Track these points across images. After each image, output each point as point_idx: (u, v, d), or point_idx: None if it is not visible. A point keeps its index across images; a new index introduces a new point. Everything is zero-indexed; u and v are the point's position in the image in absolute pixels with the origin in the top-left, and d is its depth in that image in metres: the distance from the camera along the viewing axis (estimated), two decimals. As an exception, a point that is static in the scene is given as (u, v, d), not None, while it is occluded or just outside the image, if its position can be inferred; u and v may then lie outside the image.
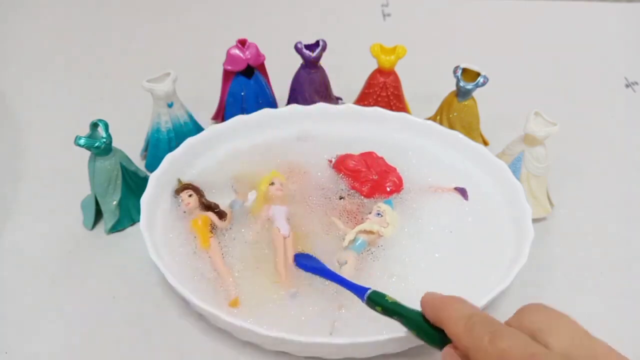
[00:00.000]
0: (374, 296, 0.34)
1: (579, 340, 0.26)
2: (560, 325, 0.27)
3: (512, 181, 0.45)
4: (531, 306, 0.29)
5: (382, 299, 0.34)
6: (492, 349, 0.26)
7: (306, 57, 0.52)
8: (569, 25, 0.77)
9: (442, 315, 0.30)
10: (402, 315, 0.32)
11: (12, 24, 0.75)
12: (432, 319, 0.31)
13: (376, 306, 0.34)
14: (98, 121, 0.43)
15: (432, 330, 0.31)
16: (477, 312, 0.29)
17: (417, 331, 0.32)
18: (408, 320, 0.32)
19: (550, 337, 0.26)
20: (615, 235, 0.48)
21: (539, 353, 0.25)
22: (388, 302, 0.33)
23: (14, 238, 0.46)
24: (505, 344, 0.26)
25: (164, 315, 0.41)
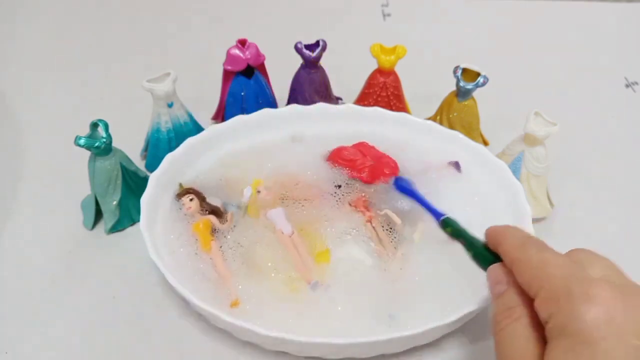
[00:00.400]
0: (447, 220, 0.38)
1: (616, 274, 0.29)
2: (602, 261, 0.29)
3: (512, 181, 0.45)
4: (578, 249, 0.31)
5: (453, 222, 0.38)
6: (537, 257, 0.29)
7: (306, 57, 0.52)
8: (569, 25, 0.77)
9: (501, 236, 0.32)
10: (466, 238, 0.36)
11: (12, 24, 0.75)
12: (491, 242, 0.33)
13: (447, 228, 0.38)
14: (98, 121, 0.43)
15: (488, 253, 0.34)
16: (532, 236, 0.32)
17: (475, 251, 0.35)
18: (470, 242, 0.36)
19: (590, 267, 0.29)
20: (615, 235, 0.48)
21: (577, 267, 0.28)
22: (458, 225, 0.38)
23: (14, 238, 0.46)
24: (550, 256, 0.29)
25: (164, 315, 0.41)
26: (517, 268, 0.30)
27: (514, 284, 0.30)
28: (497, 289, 0.31)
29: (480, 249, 0.34)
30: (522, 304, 0.29)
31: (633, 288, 0.27)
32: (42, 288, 0.43)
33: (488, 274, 0.32)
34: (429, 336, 0.37)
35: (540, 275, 0.28)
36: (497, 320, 0.30)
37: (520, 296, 0.29)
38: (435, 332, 0.37)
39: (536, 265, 0.28)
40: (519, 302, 0.29)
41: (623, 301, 0.25)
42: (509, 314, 0.29)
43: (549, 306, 0.27)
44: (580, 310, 0.25)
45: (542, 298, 0.27)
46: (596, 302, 0.25)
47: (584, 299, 0.25)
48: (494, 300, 0.31)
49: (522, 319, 0.28)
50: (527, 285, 0.29)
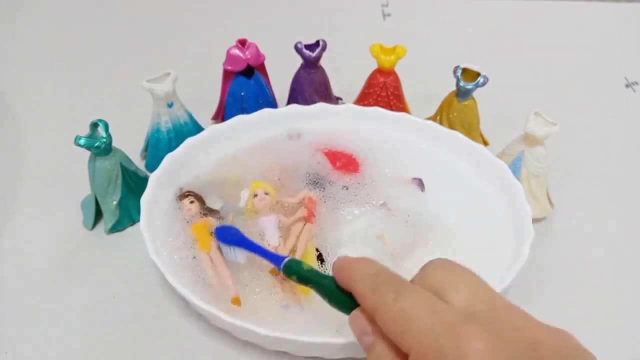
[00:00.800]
0: (291, 264, 0.34)
1: (480, 295, 0.27)
2: (461, 281, 0.27)
3: (512, 181, 0.45)
4: (434, 262, 0.29)
5: (298, 266, 0.34)
6: (396, 308, 0.26)
7: (306, 57, 0.52)
8: (569, 25, 0.77)
9: (349, 276, 0.30)
10: (316, 282, 0.32)
11: (12, 24, 0.75)
12: (342, 282, 0.30)
13: (292, 275, 0.34)
14: (98, 121, 0.43)
15: (343, 295, 0.30)
16: (383, 271, 0.29)
17: (329, 297, 0.31)
18: (321, 286, 0.32)
19: (451, 294, 0.26)
20: (615, 235, 0.48)
21: (440, 310, 0.25)
22: (303, 269, 0.33)
23: (14, 238, 0.46)
24: (408, 303, 0.26)
25: (164, 315, 0.41)
26: (378, 319, 0.27)
27: (380, 333, 0.27)
28: (364, 341, 0.28)
29: (336, 293, 0.31)
30: (394, 355, 0.27)
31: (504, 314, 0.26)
32: (42, 288, 0.43)
33: (350, 323, 0.29)
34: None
35: (406, 331, 0.25)
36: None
37: (391, 347, 0.27)
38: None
39: (397, 318, 0.26)
40: (390, 355, 0.27)
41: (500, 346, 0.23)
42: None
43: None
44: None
45: (415, 358, 0.25)
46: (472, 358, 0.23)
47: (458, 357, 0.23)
48: (366, 353, 0.28)
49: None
50: (395, 340, 0.26)
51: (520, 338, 0.24)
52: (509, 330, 0.24)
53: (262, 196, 0.44)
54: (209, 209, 0.44)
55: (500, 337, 0.24)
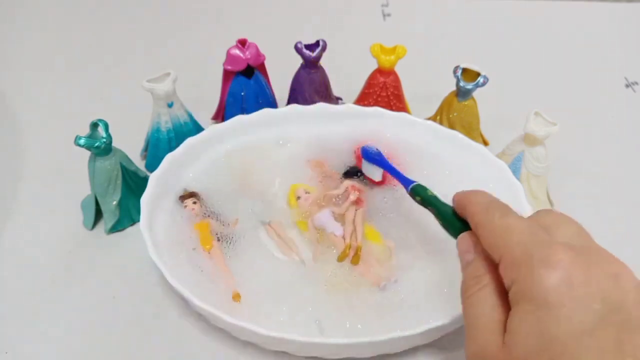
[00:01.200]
0: (417, 188, 0.39)
1: (580, 236, 0.29)
2: (566, 223, 0.29)
3: (512, 181, 0.45)
4: (545, 210, 0.31)
5: (423, 190, 0.38)
6: (500, 222, 0.29)
7: (306, 57, 0.52)
8: (569, 25, 0.77)
9: (467, 201, 0.32)
10: (436, 205, 0.36)
11: (12, 24, 0.75)
12: (459, 206, 0.33)
13: (417, 196, 0.38)
14: (98, 121, 0.43)
15: (457, 220, 0.34)
16: (497, 200, 0.32)
17: (445, 219, 0.35)
18: (439, 209, 0.36)
19: (555, 230, 0.28)
20: (615, 235, 0.48)
21: (539, 232, 0.28)
22: (427, 193, 0.38)
23: (14, 238, 0.46)
24: (512, 221, 0.29)
25: (164, 315, 0.41)
26: (481, 234, 0.30)
27: (481, 252, 0.30)
28: (465, 258, 0.31)
29: (450, 217, 0.34)
30: (489, 272, 0.29)
31: (597, 252, 0.27)
32: (42, 288, 0.43)
33: (457, 242, 0.32)
34: (429, 336, 0.37)
35: (503, 241, 0.28)
36: (465, 288, 0.30)
37: (487, 264, 0.29)
38: (435, 332, 0.37)
39: (499, 230, 0.28)
40: (485, 270, 0.29)
41: (584, 265, 0.25)
42: (476, 281, 0.29)
43: (511, 272, 0.26)
44: (540, 276, 0.25)
45: (504, 264, 0.27)
46: (556, 267, 0.25)
47: (544, 264, 0.25)
48: (464, 270, 0.31)
49: (489, 286, 0.28)
50: (491, 251, 0.28)
51: (607, 268, 0.26)
52: (598, 260, 0.26)
53: (305, 196, 0.45)
54: (211, 211, 0.44)
55: (588, 261, 0.26)
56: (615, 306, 0.24)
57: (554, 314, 0.24)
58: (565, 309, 0.24)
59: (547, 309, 0.24)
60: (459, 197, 0.33)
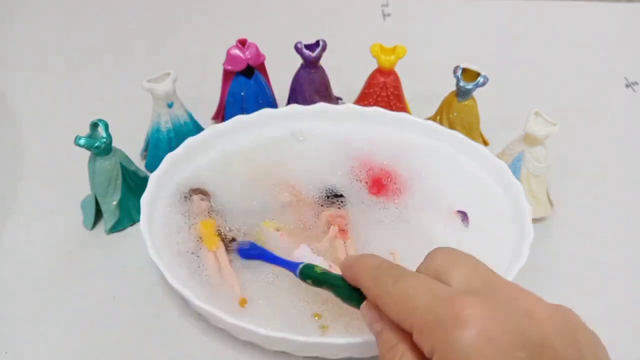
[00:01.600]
0: (305, 270, 0.35)
1: (478, 274, 0.27)
2: (460, 264, 0.28)
3: (512, 181, 0.45)
4: (437, 250, 0.30)
5: (311, 270, 0.35)
6: (395, 291, 0.27)
7: (306, 57, 0.52)
8: (569, 25, 0.77)
9: (355, 271, 0.31)
10: (328, 283, 0.33)
11: (12, 24, 0.75)
12: (349, 278, 0.32)
13: (307, 279, 0.35)
14: (98, 121, 0.43)
15: (354, 292, 0.31)
16: (384, 262, 0.30)
17: (342, 296, 0.33)
18: (333, 286, 0.33)
19: (451, 275, 0.27)
20: (615, 235, 0.48)
21: (436, 287, 0.26)
22: (317, 272, 0.35)
23: (14, 238, 0.46)
24: (407, 284, 0.27)
25: (164, 315, 0.41)
26: (381, 305, 0.28)
27: (387, 320, 0.29)
28: (374, 328, 0.30)
29: (347, 291, 0.32)
30: (402, 339, 0.27)
31: (498, 288, 0.26)
32: (42, 288, 0.43)
33: (362, 314, 0.31)
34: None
35: (405, 310, 0.27)
36: (382, 357, 0.28)
37: (397, 332, 0.28)
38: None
39: (397, 300, 0.27)
40: (397, 339, 0.28)
41: (493, 311, 0.24)
42: (393, 353, 0.28)
43: (427, 340, 0.25)
44: (456, 339, 0.24)
45: (417, 333, 0.26)
46: (468, 323, 0.24)
47: (455, 324, 0.24)
48: (376, 339, 0.30)
49: (405, 355, 0.27)
50: (398, 321, 0.27)
51: (516, 306, 0.25)
52: (505, 300, 0.25)
53: (282, 233, 0.43)
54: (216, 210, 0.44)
55: (496, 305, 0.25)
56: (538, 347, 0.23)
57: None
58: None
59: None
60: (345, 268, 0.32)
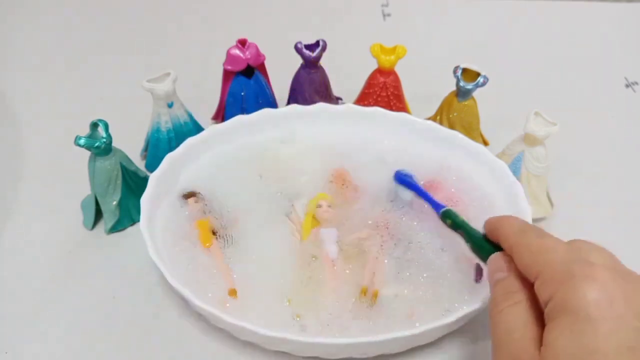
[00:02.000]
0: (448, 212, 0.40)
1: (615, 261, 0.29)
2: (600, 250, 0.29)
3: (512, 181, 0.45)
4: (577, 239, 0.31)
5: (453, 215, 0.39)
6: (538, 242, 0.29)
7: (306, 57, 0.52)
8: (569, 25, 0.77)
9: (500, 224, 0.33)
10: (466, 229, 0.37)
11: (12, 24, 0.75)
12: (489, 231, 0.34)
13: (447, 219, 0.39)
14: (98, 121, 0.43)
15: (488, 244, 0.34)
16: (531, 224, 0.33)
17: (475, 244, 0.36)
18: (470, 234, 0.37)
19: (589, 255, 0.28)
20: (615, 235, 0.48)
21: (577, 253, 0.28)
22: (458, 217, 0.39)
23: (14, 238, 0.47)
24: (550, 241, 0.29)
25: (164, 315, 0.41)
26: (516, 253, 0.30)
27: (514, 271, 0.30)
28: (497, 276, 0.31)
29: (480, 240, 0.35)
30: (523, 289, 0.29)
31: (631, 275, 0.28)
32: (42, 288, 0.43)
33: (489, 262, 0.33)
34: (429, 336, 0.37)
35: (541, 259, 0.28)
36: (496, 302, 0.30)
37: (520, 282, 0.30)
38: (435, 332, 0.37)
39: (536, 250, 0.29)
40: (519, 287, 0.29)
41: (623, 285, 0.26)
42: (508, 297, 0.29)
43: (549, 287, 0.27)
44: (582, 290, 0.25)
45: (542, 280, 0.27)
46: (597, 283, 0.25)
47: (585, 279, 0.26)
48: (494, 286, 0.31)
49: (522, 303, 0.29)
50: (527, 270, 0.29)
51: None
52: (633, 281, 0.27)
53: (326, 208, 0.44)
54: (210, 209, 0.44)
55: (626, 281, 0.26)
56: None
57: (595, 328, 0.24)
58: (607, 324, 0.24)
59: (589, 323, 0.25)
60: (491, 222, 0.34)
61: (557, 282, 0.26)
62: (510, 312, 0.29)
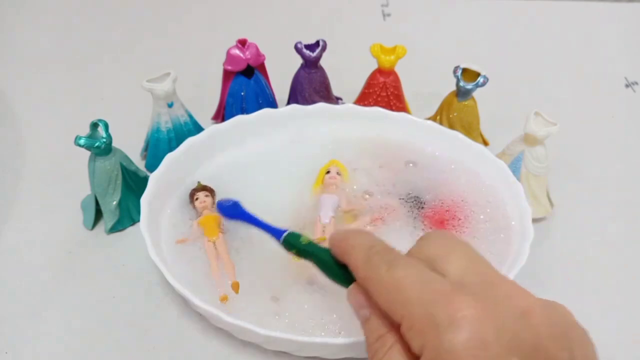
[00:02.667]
0: (290, 238, 0.34)
1: (474, 267, 0.27)
2: (456, 252, 0.27)
3: (512, 181, 0.45)
4: (431, 234, 0.29)
5: (296, 240, 0.33)
6: (388, 278, 0.26)
7: (306, 57, 0.52)
8: (569, 25, 0.77)
9: (344, 247, 0.29)
10: (314, 255, 0.32)
11: (12, 24, 0.75)
12: (338, 254, 0.30)
13: (291, 249, 0.34)
14: (98, 121, 0.43)
15: (340, 269, 0.30)
16: (378, 243, 0.29)
17: (327, 270, 0.31)
18: (319, 259, 0.32)
19: (446, 265, 0.26)
20: (615, 235, 0.48)
21: (432, 280, 0.25)
22: (301, 243, 0.33)
23: (14, 238, 0.46)
24: (401, 273, 0.26)
25: (164, 315, 0.41)
26: (371, 290, 0.27)
27: (376, 307, 0.27)
28: (361, 314, 0.28)
29: (334, 269, 0.31)
30: (391, 329, 0.26)
31: (495, 285, 0.26)
32: (42, 288, 0.43)
33: (348, 298, 0.29)
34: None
35: (397, 301, 0.25)
36: (372, 350, 0.27)
37: (386, 320, 0.27)
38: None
39: (389, 288, 0.26)
40: (387, 328, 0.27)
41: (489, 312, 0.23)
42: (382, 342, 0.26)
43: (416, 337, 0.24)
44: (450, 342, 0.23)
45: (408, 326, 0.25)
46: (463, 326, 0.23)
47: (449, 326, 0.23)
48: (363, 326, 0.28)
49: (397, 346, 0.26)
50: (387, 310, 0.26)
51: (512, 306, 0.24)
52: (501, 299, 0.25)
53: (334, 174, 0.46)
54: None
55: (491, 305, 0.24)
56: (532, 350, 0.23)
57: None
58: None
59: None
60: (335, 242, 0.30)
61: (421, 332, 0.24)
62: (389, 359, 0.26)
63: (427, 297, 0.24)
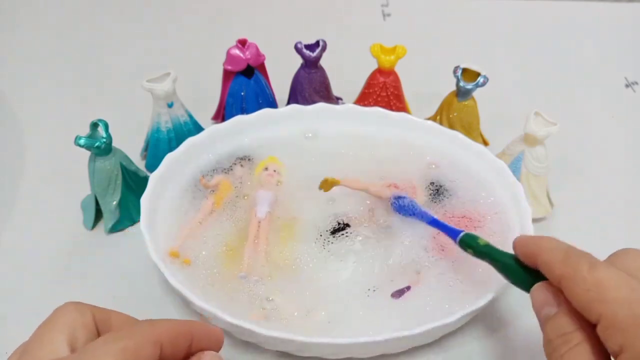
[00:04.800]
0: (466, 238, 0.35)
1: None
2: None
3: (512, 181, 0.45)
4: (630, 250, 0.28)
5: (474, 240, 0.35)
6: (590, 277, 0.26)
7: (306, 57, 0.52)
8: (569, 25, 0.77)
9: (536, 249, 0.29)
10: (494, 258, 0.33)
11: (12, 24, 0.75)
12: (525, 256, 0.30)
13: (468, 248, 0.35)
14: (98, 121, 0.43)
15: (523, 272, 0.31)
16: (574, 247, 0.29)
17: (511, 274, 0.32)
18: (500, 263, 0.32)
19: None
20: (615, 235, 0.48)
21: (637, 287, 0.25)
22: (480, 244, 0.34)
23: (14, 238, 0.47)
24: (604, 274, 0.26)
25: (164, 315, 0.41)
26: (567, 288, 0.27)
27: (565, 304, 0.27)
28: (544, 312, 0.28)
29: (515, 269, 0.31)
30: (580, 328, 0.26)
31: None
32: (42, 288, 0.43)
33: (532, 294, 0.29)
34: (429, 336, 0.37)
35: (599, 299, 0.25)
36: (553, 346, 0.27)
37: (575, 319, 0.26)
38: (435, 332, 0.37)
39: (592, 287, 0.25)
40: (575, 327, 0.26)
41: None
42: (566, 339, 0.26)
43: (617, 336, 0.24)
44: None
45: (606, 325, 0.24)
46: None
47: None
48: (544, 324, 0.28)
49: (583, 345, 0.26)
50: (583, 309, 0.26)
51: None
52: None
53: (270, 172, 0.46)
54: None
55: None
56: None
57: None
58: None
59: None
60: (523, 244, 0.31)
61: (624, 331, 0.24)
62: (572, 356, 0.26)
63: (632, 297, 0.24)
